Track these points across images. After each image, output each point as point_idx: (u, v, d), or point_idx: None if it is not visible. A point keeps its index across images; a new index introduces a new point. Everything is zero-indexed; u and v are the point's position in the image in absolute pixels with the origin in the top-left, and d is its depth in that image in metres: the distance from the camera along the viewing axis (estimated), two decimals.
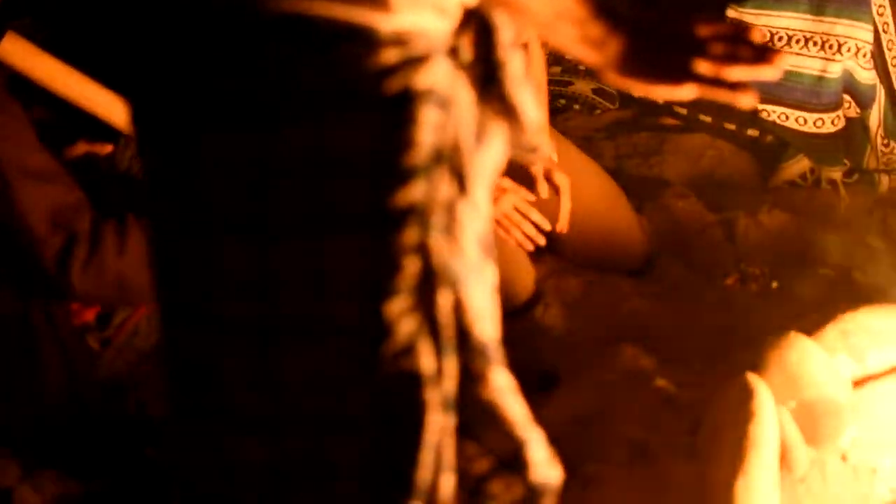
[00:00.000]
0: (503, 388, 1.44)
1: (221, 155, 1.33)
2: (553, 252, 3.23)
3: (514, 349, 2.93)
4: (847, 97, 3.70)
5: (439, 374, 1.37)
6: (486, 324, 1.42)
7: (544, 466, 1.49)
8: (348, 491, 1.42)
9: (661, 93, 1.43)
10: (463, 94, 1.37)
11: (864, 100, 3.69)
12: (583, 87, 4.14)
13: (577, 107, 4.16)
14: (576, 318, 3.05)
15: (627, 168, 3.79)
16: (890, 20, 3.66)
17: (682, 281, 3.19)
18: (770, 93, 3.63)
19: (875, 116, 3.71)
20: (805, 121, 3.66)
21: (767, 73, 1.42)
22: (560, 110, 4.13)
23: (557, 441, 2.47)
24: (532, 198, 2.88)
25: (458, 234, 1.36)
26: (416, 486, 1.37)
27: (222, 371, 1.42)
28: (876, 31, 3.67)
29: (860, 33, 3.63)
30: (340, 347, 1.37)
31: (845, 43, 3.61)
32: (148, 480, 2.44)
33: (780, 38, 3.68)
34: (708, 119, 3.89)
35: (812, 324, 2.56)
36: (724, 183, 3.73)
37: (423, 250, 1.33)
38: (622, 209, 3.31)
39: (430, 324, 1.35)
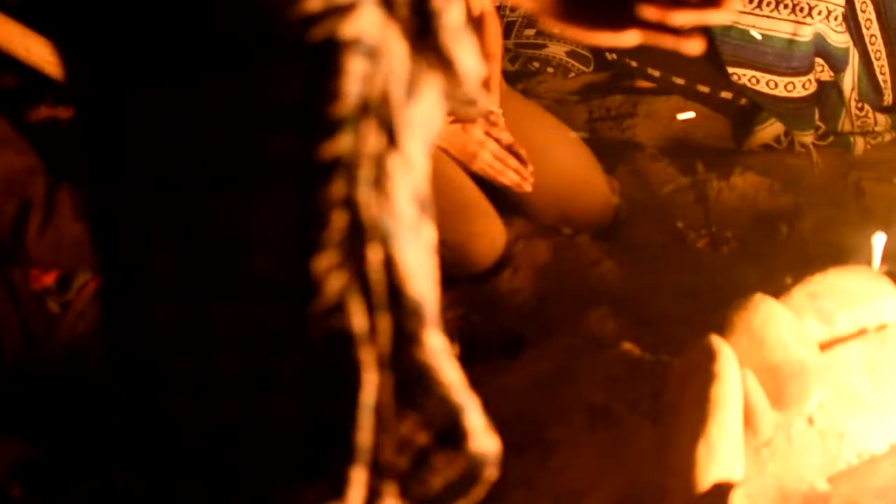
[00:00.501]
0: (438, 350, 1.40)
1: (143, 106, 1.29)
2: (522, 214, 3.22)
3: (482, 313, 2.94)
4: (820, 60, 3.64)
5: (372, 332, 1.32)
6: (421, 283, 1.38)
7: (482, 436, 1.44)
8: (287, 455, 1.38)
9: (603, 39, 1.38)
10: (394, 44, 1.32)
11: (837, 63, 3.64)
12: (556, 49, 4.10)
13: (550, 70, 4.12)
14: (544, 282, 3.01)
15: (600, 131, 3.76)
16: None
17: (652, 244, 3.16)
18: (740, 55, 3.60)
19: (849, 80, 3.66)
20: (776, 84, 3.61)
21: (716, 16, 1.36)
22: (533, 73, 4.10)
23: (520, 406, 2.48)
24: (510, 139, 3.00)
25: (389, 189, 1.31)
26: (357, 448, 1.33)
27: (154, 328, 1.38)
28: None
29: None
30: (269, 305, 1.33)
31: (816, 6, 3.55)
32: (106, 445, 2.41)
33: (751, 0, 3.62)
34: (681, 81, 3.84)
35: (782, 287, 2.52)
36: (698, 146, 3.69)
37: (350, 204, 1.28)
38: (591, 169, 3.29)
39: (361, 281, 1.31)
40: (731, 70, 3.62)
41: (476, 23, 3.31)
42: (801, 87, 3.59)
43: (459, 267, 3.00)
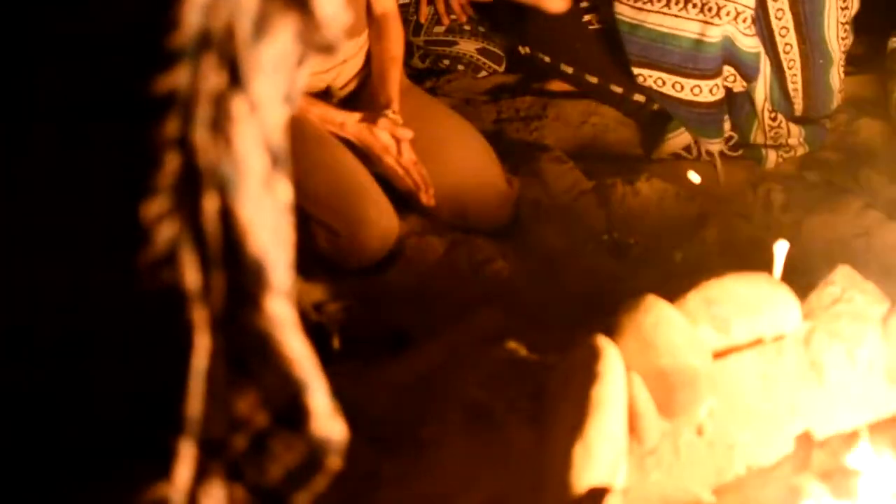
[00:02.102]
0: (281, 319, 1.27)
1: None
2: (417, 211, 3.13)
3: (368, 307, 2.82)
4: (731, 69, 3.56)
5: (206, 291, 1.20)
6: (267, 243, 1.25)
7: (326, 418, 1.31)
8: (107, 427, 1.25)
9: None
10: None
11: (747, 70, 3.55)
12: (467, 46, 4.02)
13: (461, 67, 4.04)
14: (436, 279, 2.91)
15: (507, 132, 3.67)
16: None
17: (550, 246, 3.06)
18: (647, 56, 3.51)
19: (761, 89, 3.58)
20: (682, 87, 3.53)
21: None
22: (444, 71, 4.01)
23: (397, 402, 2.37)
24: (409, 135, 3.06)
25: (231, 134, 1.19)
26: (186, 418, 1.20)
27: None
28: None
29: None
30: (94, 254, 1.20)
31: (725, 6, 3.46)
32: None
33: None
34: (594, 80, 3.75)
35: (678, 291, 2.43)
36: (606, 152, 3.61)
37: (185, 146, 1.15)
38: (489, 166, 3.23)
39: (194, 232, 1.18)
40: (636, 71, 3.53)
41: (378, 24, 3.25)
42: (708, 91, 3.51)
43: (348, 255, 2.90)
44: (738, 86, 3.59)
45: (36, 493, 1.25)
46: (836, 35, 3.61)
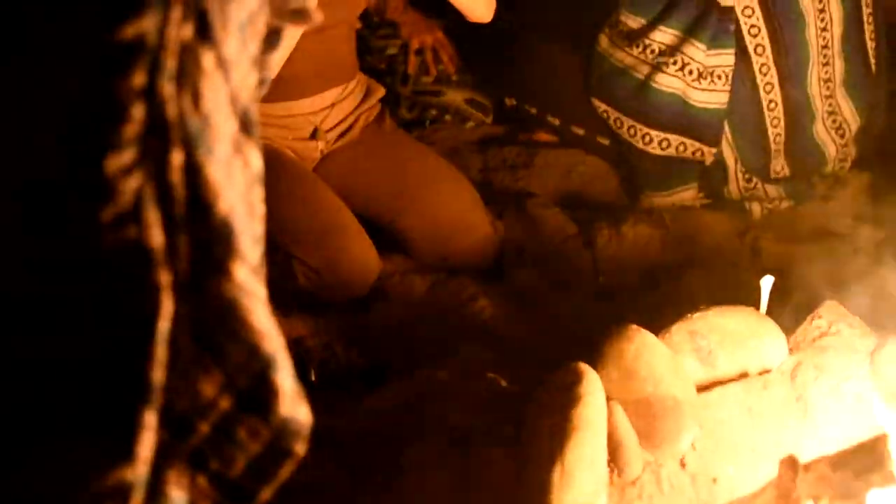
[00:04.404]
0: (249, 288, 1.22)
1: None
2: (401, 251, 3.10)
3: (349, 343, 2.78)
4: (695, 143, 3.54)
5: (171, 251, 1.15)
6: (237, 209, 1.21)
7: (293, 399, 1.26)
8: (69, 389, 1.20)
9: None
10: None
11: (704, 130, 3.54)
12: (455, 96, 4.01)
13: (448, 117, 4.03)
14: (418, 316, 2.88)
15: (494, 181, 3.65)
16: (766, 42, 3.51)
17: (534, 287, 3.03)
18: (605, 87, 3.53)
19: (729, 153, 3.55)
20: (635, 132, 3.53)
21: None
22: (431, 121, 4.00)
23: (376, 426, 2.32)
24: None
25: (200, 88, 1.15)
26: (148, 386, 1.15)
27: None
28: (745, 54, 3.51)
29: (695, 52, 3.49)
30: (54, 210, 1.16)
31: (674, 56, 3.46)
32: None
33: (638, 45, 3.55)
34: (581, 132, 3.74)
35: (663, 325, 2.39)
36: (592, 200, 3.58)
37: (151, 97, 1.12)
38: (474, 208, 3.21)
39: (160, 188, 1.14)
40: (596, 103, 3.59)
41: None
42: (657, 143, 3.52)
43: (328, 293, 2.86)
44: (709, 156, 3.56)
45: None
46: (819, 92, 3.59)
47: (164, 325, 1.15)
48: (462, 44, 4.04)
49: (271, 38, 1.30)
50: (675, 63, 3.47)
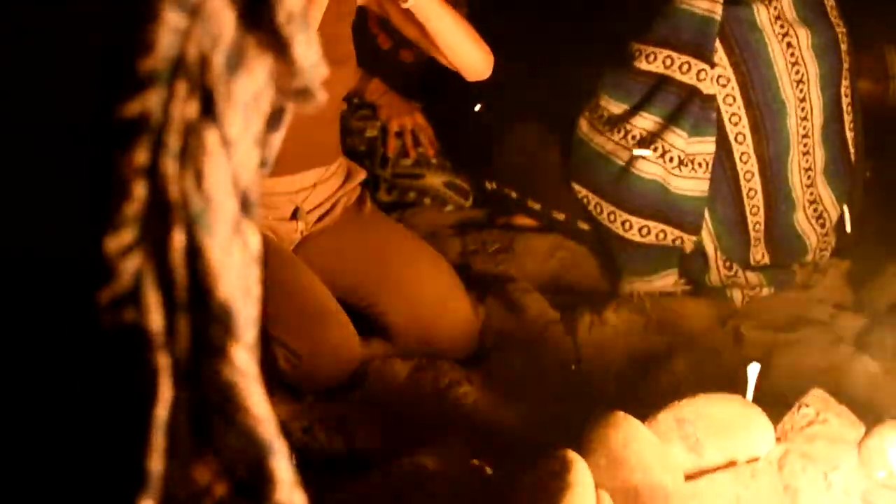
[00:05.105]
0: (246, 370, 1.19)
1: None
2: (381, 335, 3.07)
3: (329, 429, 2.74)
4: (676, 231, 3.54)
5: (170, 334, 1.12)
6: (235, 291, 1.18)
7: (290, 487, 1.23)
8: (66, 479, 1.16)
9: None
10: (218, 5, 1.15)
11: (685, 217, 3.54)
12: (434, 180, 4.01)
13: (427, 201, 4.02)
14: (400, 402, 2.84)
15: (473, 265, 3.63)
16: (747, 130, 3.52)
17: (516, 373, 2.99)
18: (583, 172, 3.54)
19: (709, 241, 3.55)
20: (615, 217, 3.53)
21: None
22: (410, 204, 3.99)
23: None
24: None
25: (203, 167, 1.13)
26: (147, 475, 1.11)
27: None
28: (725, 142, 3.52)
29: (676, 140, 3.50)
30: (53, 288, 1.13)
31: (654, 142, 3.47)
32: None
33: (619, 131, 3.55)
34: (561, 216, 3.74)
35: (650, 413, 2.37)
36: (573, 285, 3.56)
37: (153, 175, 1.09)
38: (455, 293, 3.18)
39: (160, 269, 1.11)
40: (576, 187, 3.61)
41: None
42: (637, 230, 3.52)
43: (308, 377, 2.83)
44: (689, 244, 3.56)
45: None
46: (799, 181, 3.60)
47: (162, 411, 1.12)
48: (442, 127, 4.04)
49: (275, 118, 1.28)
50: (655, 150, 3.47)
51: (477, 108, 4.05)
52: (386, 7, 3.14)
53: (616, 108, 3.56)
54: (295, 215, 3.13)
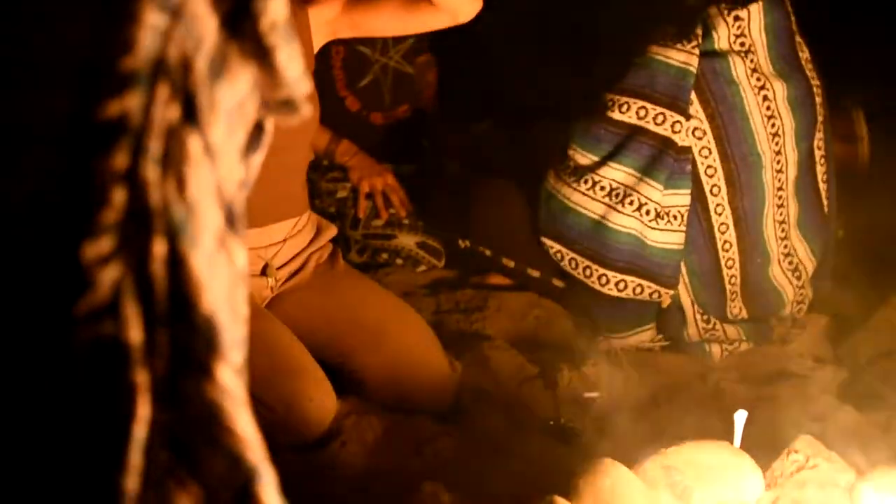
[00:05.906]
0: (234, 393, 1.13)
1: None
2: (357, 391, 3.01)
3: (305, 484, 2.66)
4: (651, 284, 3.51)
5: (149, 349, 1.07)
6: (221, 305, 1.13)
7: None
8: (42, 497, 1.10)
9: None
10: (201, 10, 1.11)
11: (662, 270, 3.50)
12: (406, 240, 3.97)
13: (399, 261, 3.98)
14: (376, 457, 2.76)
15: (448, 324, 3.58)
16: (722, 182, 3.49)
17: (495, 429, 2.93)
18: (554, 226, 3.52)
19: (685, 295, 3.52)
20: (591, 272, 3.49)
21: None
22: (382, 265, 3.95)
23: None
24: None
25: (185, 174, 1.08)
26: (121, 495, 1.05)
27: None
28: (700, 194, 3.49)
29: (652, 192, 3.47)
30: (28, 301, 1.08)
31: (630, 195, 3.45)
32: None
33: (586, 182, 3.52)
34: (536, 273, 3.71)
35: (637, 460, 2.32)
36: (549, 343, 3.52)
37: (133, 180, 1.04)
38: (430, 349, 3.13)
39: (139, 280, 1.06)
40: (547, 242, 3.58)
41: None
42: (614, 284, 3.48)
43: (283, 432, 2.75)
44: (666, 298, 3.53)
45: None
46: (774, 234, 3.57)
47: (139, 429, 1.06)
48: (414, 187, 4.01)
49: (255, 137, 1.23)
50: (631, 203, 3.44)
51: (450, 168, 4.04)
52: (344, 20, 3.12)
53: (583, 158, 3.52)
54: (264, 272, 3.08)
